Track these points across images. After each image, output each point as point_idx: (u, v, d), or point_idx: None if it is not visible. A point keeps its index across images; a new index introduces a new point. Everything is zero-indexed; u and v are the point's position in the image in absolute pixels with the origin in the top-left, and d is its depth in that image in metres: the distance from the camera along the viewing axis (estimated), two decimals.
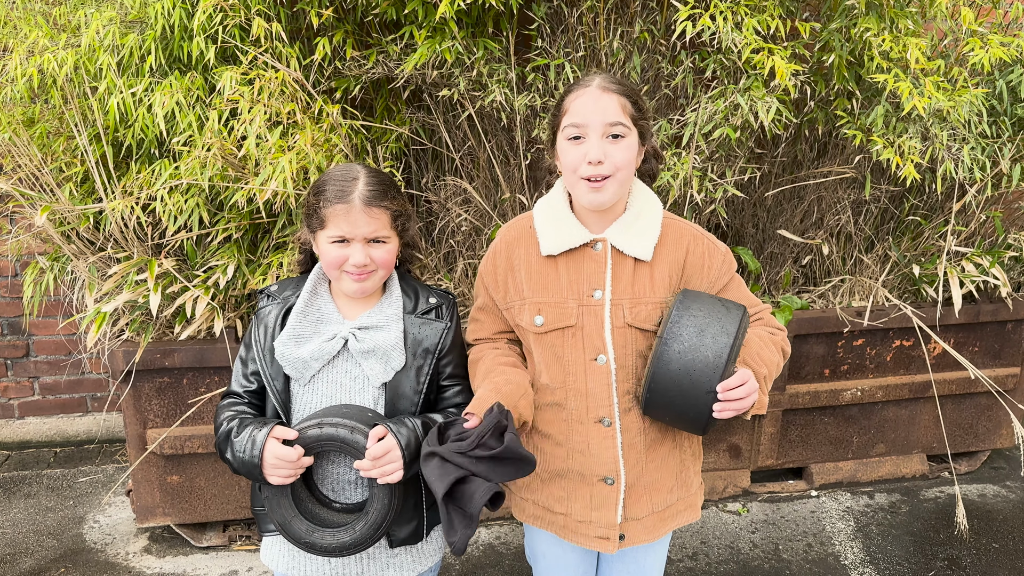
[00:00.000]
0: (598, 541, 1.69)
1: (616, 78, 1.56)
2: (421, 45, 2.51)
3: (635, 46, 2.72)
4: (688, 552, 2.86)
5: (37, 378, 3.61)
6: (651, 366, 1.51)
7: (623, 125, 1.51)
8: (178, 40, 2.53)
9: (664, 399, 1.52)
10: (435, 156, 3.09)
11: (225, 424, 1.58)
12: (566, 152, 1.55)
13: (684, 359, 1.48)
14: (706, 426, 1.53)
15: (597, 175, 1.52)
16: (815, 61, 2.75)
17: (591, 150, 1.51)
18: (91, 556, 2.80)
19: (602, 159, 1.50)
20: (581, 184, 1.54)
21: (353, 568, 1.68)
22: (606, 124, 1.51)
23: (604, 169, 1.51)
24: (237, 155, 2.42)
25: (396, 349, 1.62)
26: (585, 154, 1.52)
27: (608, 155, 1.51)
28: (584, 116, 1.51)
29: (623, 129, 1.51)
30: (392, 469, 1.51)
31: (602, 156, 1.50)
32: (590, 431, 1.63)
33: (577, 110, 1.52)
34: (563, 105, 1.56)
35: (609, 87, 1.52)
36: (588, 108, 1.51)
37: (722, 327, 1.49)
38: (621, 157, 1.52)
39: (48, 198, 2.64)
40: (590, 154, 1.51)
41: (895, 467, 3.29)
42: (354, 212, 1.53)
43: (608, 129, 1.51)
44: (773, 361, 1.61)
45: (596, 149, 1.50)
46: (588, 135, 1.51)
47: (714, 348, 1.47)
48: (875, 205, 3.22)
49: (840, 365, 3.04)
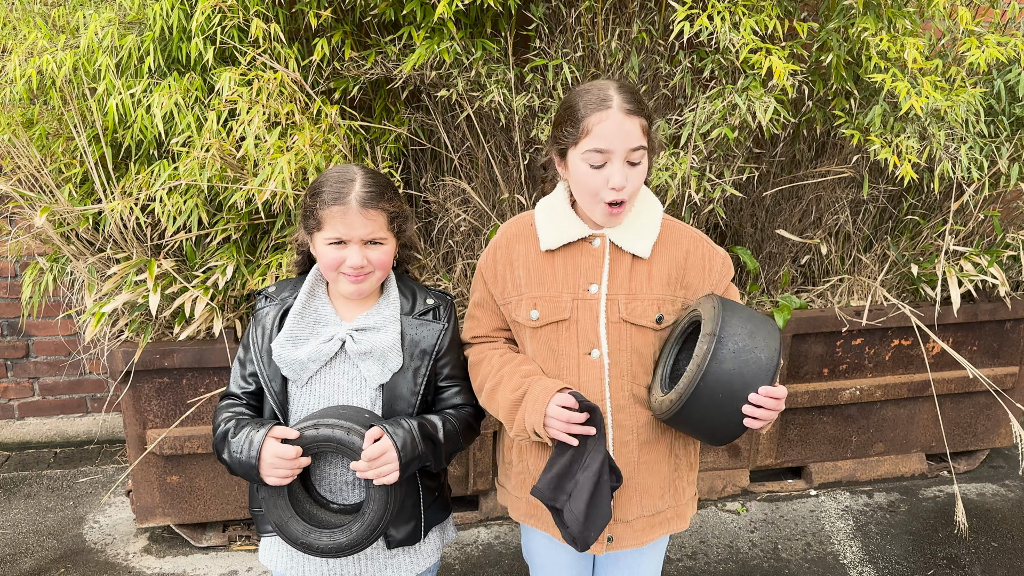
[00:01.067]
0: None
1: (632, 93, 1.53)
2: (419, 46, 2.52)
3: (633, 46, 2.72)
4: (687, 551, 2.86)
5: (37, 379, 3.61)
6: (702, 364, 1.47)
7: (643, 149, 1.52)
8: (176, 41, 2.54)
9: (708, 400, 1.48)
10: (434, 156, 3.10)
11: (223, 425, 1.59)
12: (585, 175, 1.54)
13: (739, 359, 1.47)
14: (734, 434, 1.52)
15: (618, 199, 1.54)
16: (813, 61, 2.75)
17: (614, 176, 1.51)
18: (91, 556, 2.81)
19: (624, 184, 1.52)
20: (600, 207, 1.56)
21: (351, 569, 1.68)
22: (628, 150, 1.51)
23: (623, 195, 1.53)
24: (236, 156, 2.42)
25: (393, 350, 1.62)
26: (607, 179, 1.52)
27: (629, 180, 1.52)
28: (609, 142, 1.49)
29: (641, 155, 1.52)
30: (388, 471, 1.51)
31: (624, 182, 1.52)
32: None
33: (601, 135, 1.50)
34: (583, 124, 1.51)
35: (631, 109, 1.50)
36: (612, 134, 1.49)
37: (769, 331, 1.50)
38: (638, 181, 1.55)
39: (47, 199, 2.65)
40: (613, 180, 1.51)
41: (894, 466, 3.29)
42: (351, 214, 1.53)
43: (630, 155, 1.51)
44: None
45: (619, 175, 1.51)
46: (612, 160, 1.51)
47: (766, 351, 1.47)
48: (873, 205, 3.22)
49: (839, 364, 3.05)
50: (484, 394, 1.67)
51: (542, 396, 1.54)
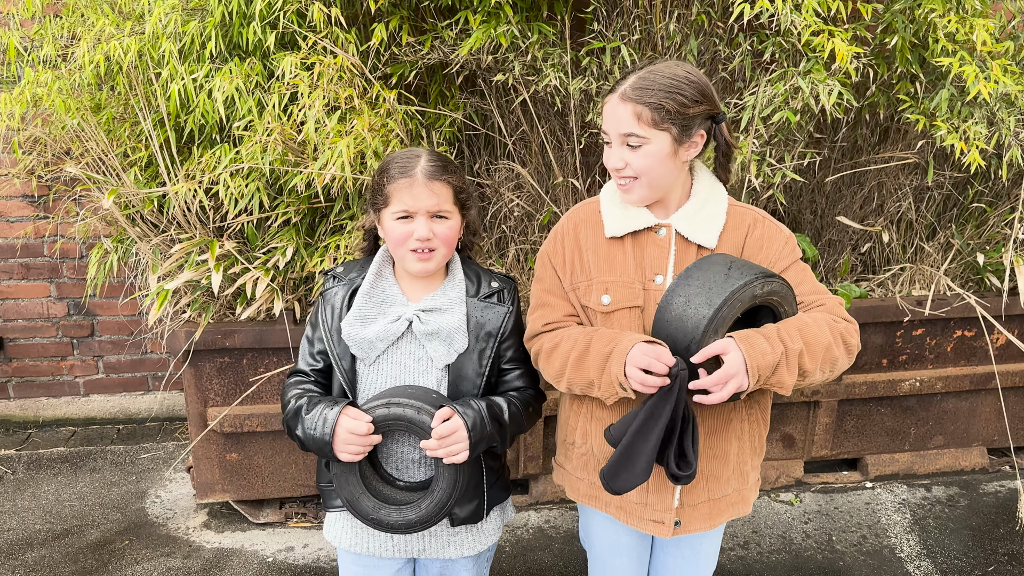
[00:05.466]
0: (652, 524, 1.69)
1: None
2: (476, 30, 2.52)
3: (692, 29, 2.68)
4: (739, 541, 2.84)
5: (101, 357, 3.72)
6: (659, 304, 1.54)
7: (636, 136, 1.55)
8: (237, 27, 2.58)
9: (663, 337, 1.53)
10: (488, 141, 3.10)
11: (294, 402, 1.62)
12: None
13: (670, 328, 1.50)
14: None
15: (622, 178, 1.61)
16: (877, 43, 2.68)
17: (611, 157, 1.61)
18: (153, 530, 2.89)
19: (619, 166, 1.58)
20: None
21: (415, 545, 1.71)
22: (620, 135, 1.57)
23: (627, 172, 1.59)
24: (296, 140, 2.46)
25: (459, 332, 1.64)
26: (608, 158, 1.62)
27: (628, 161, 1.58)
28: (605, 125, 1.60)
29: (637, 139, 1.56)
30: (458, 449, 1.53)
31: (621, 163, 1.58)
32: None
33: (603, 117, 1.62)
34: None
35: (629, 96, 1.55)
36: (606, 117, 1.60)
37: (707, 299, 1.47)
38: (640, 163, 1.57)
39: (114, 182, 2.72)
40: (610, 162, 1.61)
41: (953, 460, 3.22)
42: (416, 185, 1.57)
43: (624, 139, 1.57)
44: (820, 341, 1.52)
45: (615, 157, 1.59)
46: (612, 142, 1.60)
47: (694, 319, 1.46)
48: (938, 192, 3.14)
49: (898, 355, 2.98)
50: (570, 365, 1.60)
51: (629, 343, 1.51)
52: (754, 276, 1.48)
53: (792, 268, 1.66)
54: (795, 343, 1.48)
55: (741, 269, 1.49)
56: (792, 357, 1.48)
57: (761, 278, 1.48)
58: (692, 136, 1.58)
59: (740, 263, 1.52)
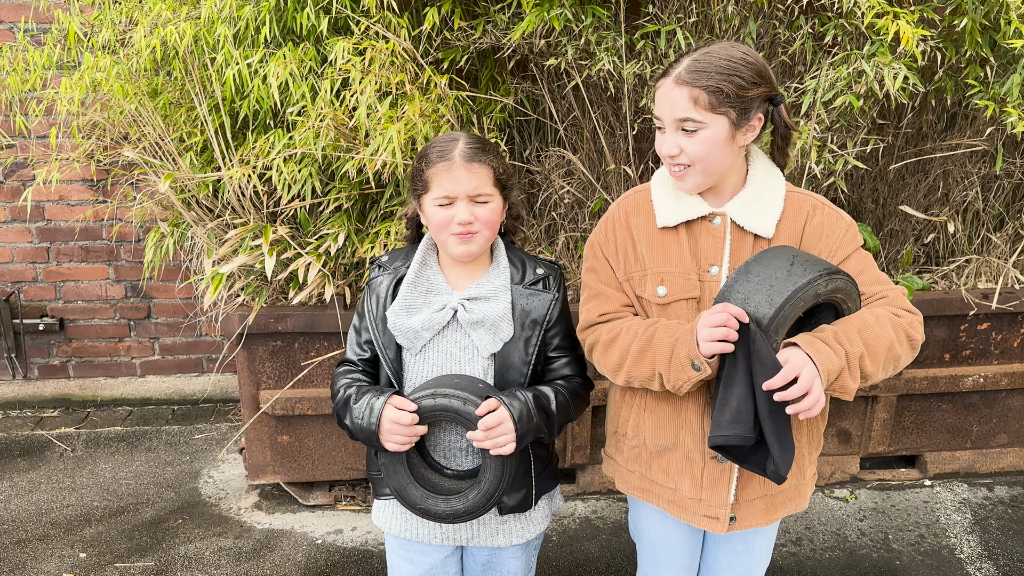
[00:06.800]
0: (707, 520, 1.65)
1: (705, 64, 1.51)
2: (529, 13, 2.48)
3: (751, 11, 2.61)
4: (792, 537, 2.78)
5: (157, 339, 3.80)
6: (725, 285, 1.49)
7: (693, 120, 1.50)
8: (291, 11, 2.58)
9: None
10: (539, 127, 3.07)
11: (343, 391, 1.63)
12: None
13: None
14: None
15: (676, 165, 1.55)
16: (945, 26, 2.57)
17: (664, 144, 1.55)
18: (206, 509, 2.95)
19: (674, 152, 1.53)
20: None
21: (464, 533, 1.70)
22: (675, 120, 1.52)
23: (682, 159, 1.53)
24: (348, 125, 2.45)
25: (504, 320, 1.62)
26: (661, 145, 1.57)
27: (683, 147, 1.52)
28: (658, 110, 1.55)
29: (693, 124, 1.50)
30: (505, 441, 1.52)
31: (675, 150, 1.53)
32: (704, 408, 1.59)
33: (656, 103, 1.57)
34: None
35: (684, 79, 1.49)
36: (659, 102, 1.54)
37: (768, 297, 1.41)
38: (697, 149, 1.52)
39: (170, 166, 2.76)
40: (663, 148, 1.56)
41: (1018, 459, 3.10)
42: (455, 168, 1.55)
43: (679, 124, 1.52)
44: (881, 341, 1.47)
45: (669, 143, 1.54)
46: (665, 127, 1.55)
47: (754, 319, 1.40)
48: (1007, 180, 3.01)
49: (962, 350, 2.88)
50: (631, 357, 1.57)
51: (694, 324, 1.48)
52: (818, 273, 1.42)
53: (853, 256, 1.60)
54: (855, 347, 1.44)
55: (804, 265, 1.43)
56: (853, 361, 1.43)
57: (825, 275, 1.43)
58: (750, 120, 1.53)
59: (803, 258, 1.46)
